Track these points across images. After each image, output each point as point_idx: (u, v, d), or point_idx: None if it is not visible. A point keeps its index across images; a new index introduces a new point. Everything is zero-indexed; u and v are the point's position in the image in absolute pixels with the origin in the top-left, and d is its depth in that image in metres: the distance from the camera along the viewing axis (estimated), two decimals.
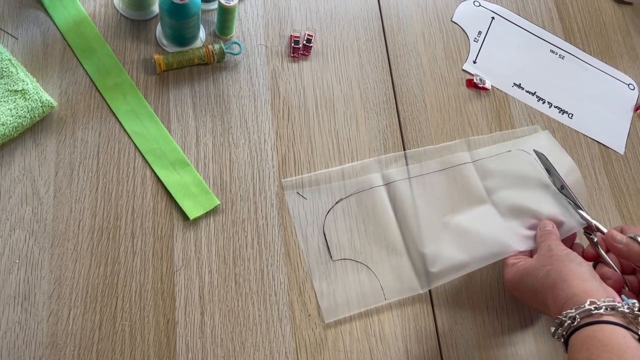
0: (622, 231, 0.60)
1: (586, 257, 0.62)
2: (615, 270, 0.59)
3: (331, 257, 0.64)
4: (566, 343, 0.50)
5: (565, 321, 0.50)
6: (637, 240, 0.57)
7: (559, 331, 0.50)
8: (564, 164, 0.71)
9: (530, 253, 0.64)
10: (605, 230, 0.62)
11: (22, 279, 0.57)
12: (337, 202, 0.66)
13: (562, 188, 0.66)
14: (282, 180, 0.66)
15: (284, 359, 0.59)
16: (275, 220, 0.64)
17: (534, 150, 0.70)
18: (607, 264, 0.60)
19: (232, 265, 0.61)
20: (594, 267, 0.61)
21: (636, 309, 0.49)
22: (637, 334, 0.48)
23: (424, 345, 0.62)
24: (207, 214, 0.63)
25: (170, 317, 0.58)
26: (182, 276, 0.60)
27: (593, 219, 0.63)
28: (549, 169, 0.68)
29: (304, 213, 0.65)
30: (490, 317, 0.65)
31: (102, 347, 0.56)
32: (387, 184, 0.68)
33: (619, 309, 0.49)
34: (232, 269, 0.61)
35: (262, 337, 0.59)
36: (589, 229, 0.64)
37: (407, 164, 0.70)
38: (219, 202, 0.63)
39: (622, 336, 0.47)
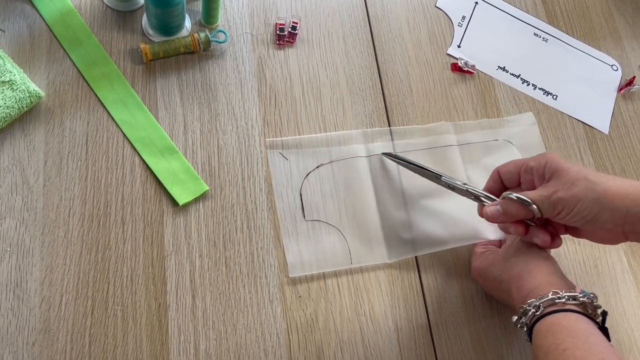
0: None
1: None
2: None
3: (304, 216, 0.65)
4: (530, 332, 0.52)
5: (529, 310, 0.51)
6: (511, 198, 0.55)
7: (523, 320, 0.52)
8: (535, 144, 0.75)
9: (500, 243, 0.66)
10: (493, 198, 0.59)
11: (14, 267, 0.57)
12: (317, 167, 0.67)
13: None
14: (267, 139, 0.67)
15: (275, 340, 0.60)
16: (264, 205, 0.65)
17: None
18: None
19: (223, 249, 0.62)
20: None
21: (595, 300, 0.52)
22: (597, 322, 0.50)
23: (414, 323, 0.63)
24: (196, 200, 0.63)
25: (161, 301, 0.59)
26: (173, 261, 0.61)
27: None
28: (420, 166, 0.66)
29: (283, 173, 0.66)
30: (479, 294, 0.66)
31: (95, 331, 0.57)
32: (370, 156, 0.69)
33: (580, 299, 0.51)
34: (222, 253, 0.62)
35: (253, 318, 0.60)
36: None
37: (392, 140, 0.71)
38: (208, 188, 0.64)
39: (586, 323, 0.49)
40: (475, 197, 0.60)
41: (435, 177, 0.63)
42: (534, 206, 0.53)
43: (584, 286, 0.69)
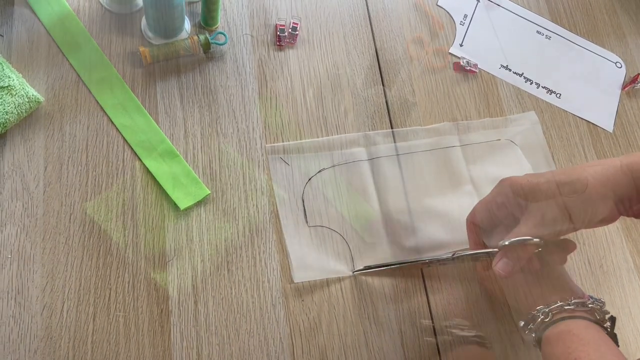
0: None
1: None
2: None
3: (307, 222, 0.64)
4: (538, 338, 0.52)
5: (538, 316, 0.51)
6: (510, 246, 0.53)
7: (531, 326, 0.52)
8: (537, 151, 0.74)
9: None
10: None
11: (15, 274, 0.57)
12: (319, 171, 0.66)
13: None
14: (267, 145, 0.66)
15: (278, 345, 0.59)
16: (266, 208, 0.64)
17: None
18: None
19: (224, 254, 0.62)
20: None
21: (604, 306, 0.51)
22: (606, 329, 0.50)
23: (418, 326, 0.63)
24: (197, 204, 0.63)
25: (164, 306, 0.59)
26: (175, 266, 0.60)
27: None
28: None
29: (284, 179, 0.66)
30: (484, 297, 0.65)
31: (97, 338, 0.57)
32: (372, 159, 0.68)
33: (589, 305, 0.51)
34: (224, 257, 0.62)
35: (256, 323, 0.60)
36: None
37: (394, 142, 0.70)
38: (209, 192, 0.63)
39: (596, 330, 0.49)
40: (473, 259, 0.58)
41: (422, 262, 0.62)
42: (535, 239, 0.52)
43: (589, 286, 0.68)
